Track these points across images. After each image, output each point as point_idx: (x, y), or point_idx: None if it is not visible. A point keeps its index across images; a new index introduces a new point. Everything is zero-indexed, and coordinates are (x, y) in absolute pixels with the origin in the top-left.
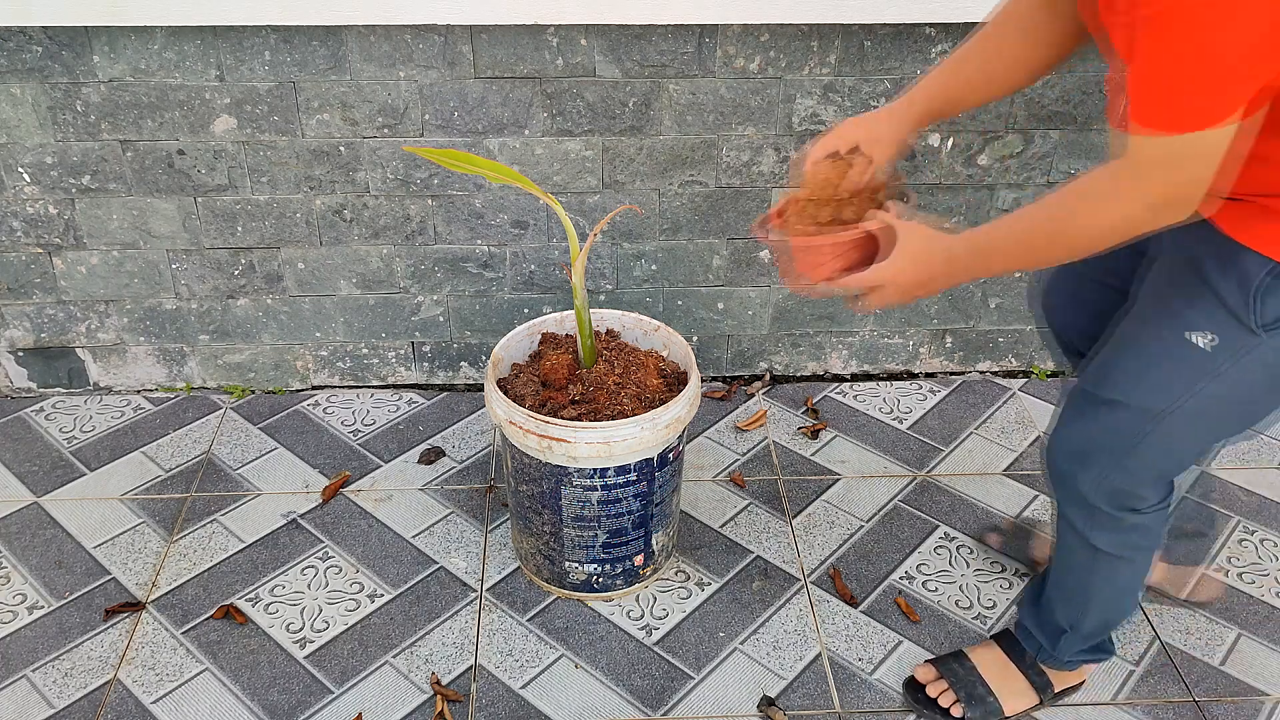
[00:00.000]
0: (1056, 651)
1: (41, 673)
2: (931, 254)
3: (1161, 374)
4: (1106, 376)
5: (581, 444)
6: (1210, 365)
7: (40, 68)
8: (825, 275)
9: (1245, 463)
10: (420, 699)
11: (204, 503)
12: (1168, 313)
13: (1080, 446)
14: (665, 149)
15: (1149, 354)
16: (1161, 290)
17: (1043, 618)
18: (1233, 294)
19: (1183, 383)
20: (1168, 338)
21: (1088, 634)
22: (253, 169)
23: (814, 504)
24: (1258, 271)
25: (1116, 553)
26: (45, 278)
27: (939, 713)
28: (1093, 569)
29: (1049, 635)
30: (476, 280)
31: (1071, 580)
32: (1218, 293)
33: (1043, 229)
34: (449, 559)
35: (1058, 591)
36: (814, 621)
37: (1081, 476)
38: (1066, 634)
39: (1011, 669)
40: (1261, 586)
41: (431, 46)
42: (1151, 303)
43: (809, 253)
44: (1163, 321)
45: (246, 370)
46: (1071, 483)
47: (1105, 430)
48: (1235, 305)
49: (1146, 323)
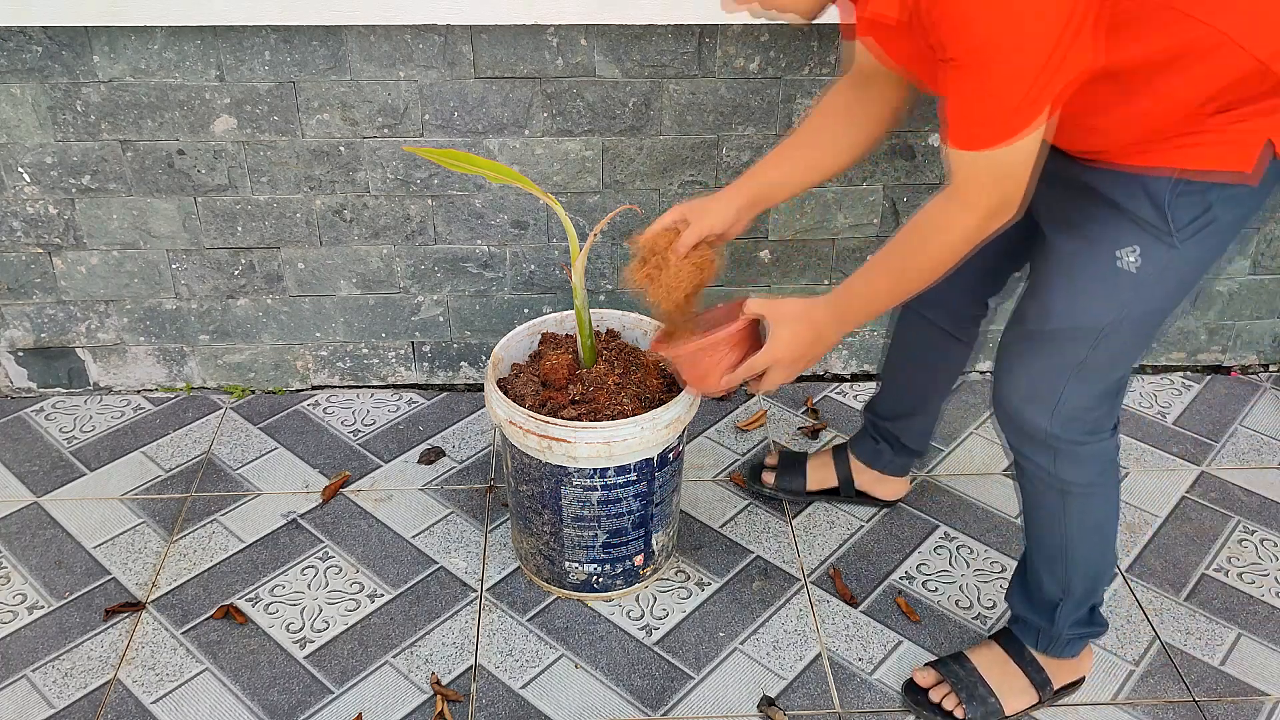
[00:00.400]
0: (1055, 629)
1: (41, 673)
2: (804, 324)
3: (1098, 295)
4: (1047, 311)
5: (581, 444)
6: (1139, 279)
7: (40, 68)
8: (725, 369)
9: (1245, 463)
10: (420, 699)
11: (204, 503)
12: (1092, 240)
13: (1032, 383)
14: (665, 149)
15: (1084, 279)
16: (1079, 225)
17: (1034, 597)
18: (1147, 212)
19: (1118, 299)
20: (1099, 261)
21: (1080, 598)
22: (253, 169)
23: (814, 504)
24: (1164, 189)
25: (1085, 486)
26: (45, 278)
27: (941, 715)
28: (1066, 511)
29: (1044, 613)
30: (476, 280)
31: (1051, 538)
32: (1134, 215)
33: (899, 268)
34: (449, 559)
35: (1041, 558)
36: (814, 621)
37: (1039, 411)
38: (1060, 604)
39: (1011, 667)
40: (1261, 586)
41: (431, 46)
42: (1072, 238)
43: (703, 354)
44: (1090, 249)
45: (246, 370)
46: (1031, 423)
47: (1054, 358)
48: (1153, 221)
49: (1075, 255)
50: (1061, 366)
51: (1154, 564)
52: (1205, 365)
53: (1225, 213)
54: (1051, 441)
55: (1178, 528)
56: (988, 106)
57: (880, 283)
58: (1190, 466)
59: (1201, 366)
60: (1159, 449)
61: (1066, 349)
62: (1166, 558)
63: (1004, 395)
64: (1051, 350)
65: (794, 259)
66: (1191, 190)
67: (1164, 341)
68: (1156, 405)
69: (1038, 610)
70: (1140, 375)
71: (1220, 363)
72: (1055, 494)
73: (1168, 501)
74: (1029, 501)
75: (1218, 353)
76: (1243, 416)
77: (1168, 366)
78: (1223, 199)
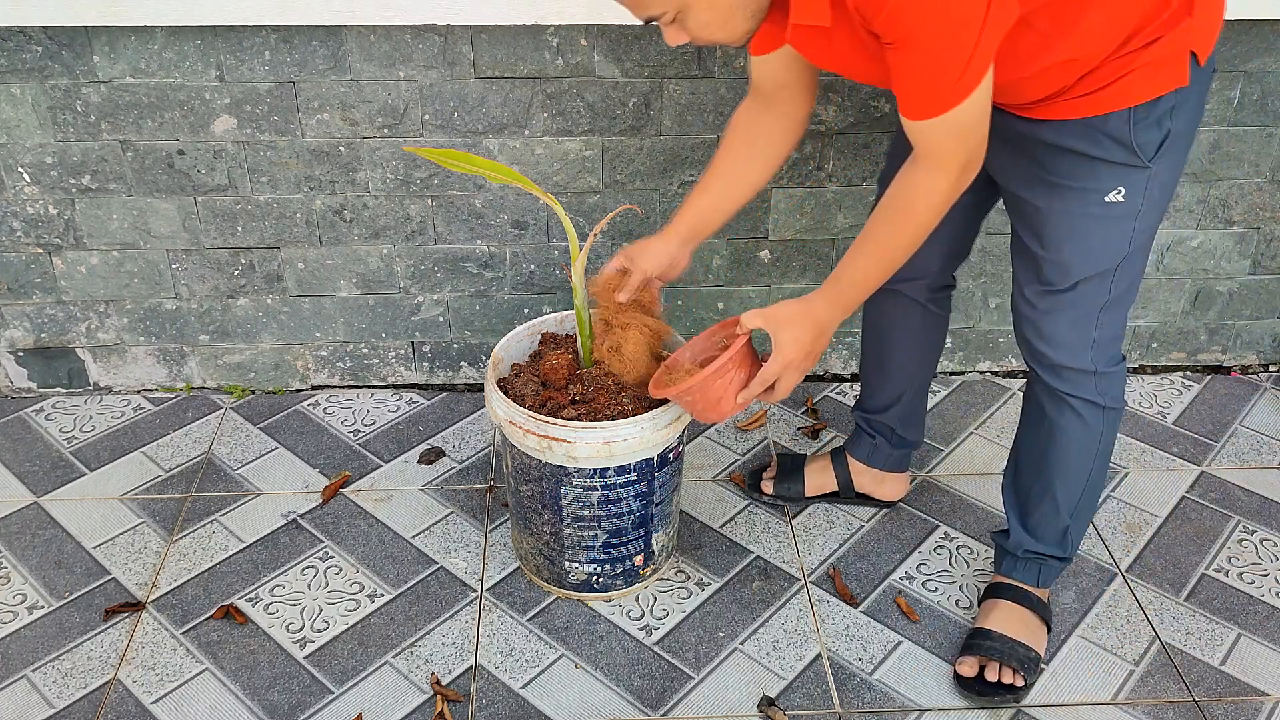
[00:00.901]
0: (1067, 552)
1: (41, 673)
2: (806, 323)
3: (1108, 238)
4: (1067, 268)
5: (581, 444)
6: (1132, 210)
7: (40, 68)
8: (737, 389)
9: (1245, 463)
10: (420, 699)
11: (204, 503)
12: (1080, 193)
13: (1071, 333)
14: (665, 149)
15: (1089, 230)
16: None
17: (1043, 532)
18: (1116, 151)
19: (1124, 234)
20: (1094, 209)
21: (1085, 518)
22: (253, 169)
23: (814, 504)
24: (1123, 126)
25: (1117, 400)
26: (45, 278)
27: (1006, 691)
28: (1104, 429)
29: (1055, 542)
30: (476, 280)
31: (1079, 464)
32: (1106, 159)
33: (885, 243)
34: (449, 559)
35: (1063, 488)
36: (814, 621)
37: (1079, 355)
38: (1069, 528)
39: (1024, 613)
40: (1261, 586)
41: (431, 46)
42: (1060, 197)
43: (710, 382)
44: (1081, 202)
45: (246, 370)
46: (1077, 366)
47: (1083, 306)
48: (1123, 159)
49: (1070, 211)
50: (1092, 310)
51: (1154, 564)
52: (1205, 365)
53: (1179, 123)
54: (1095, 373)
55: (1178, 528)
56: (937, 77)
57: (870, 262)
58: (1190, 466)
59: (1201, 366)
60: (1159, 449)
61: (1093, 294)
62: (1166, 558)
63: (1045, 352)
64: (1079, 300)
65: (794, 259)
66: (1146, 118)
67: (1164, 341)
68: (1156, 405)
69: (1048, 542)
70: (1140, 375)
71: (1220, 363)
72: (1098, 415)
73: (1168, 501)
74: (1064, 433)
75: (1218, 353)
76: (1243, 416)
77: (1168, 366)
78: (1173, 113)
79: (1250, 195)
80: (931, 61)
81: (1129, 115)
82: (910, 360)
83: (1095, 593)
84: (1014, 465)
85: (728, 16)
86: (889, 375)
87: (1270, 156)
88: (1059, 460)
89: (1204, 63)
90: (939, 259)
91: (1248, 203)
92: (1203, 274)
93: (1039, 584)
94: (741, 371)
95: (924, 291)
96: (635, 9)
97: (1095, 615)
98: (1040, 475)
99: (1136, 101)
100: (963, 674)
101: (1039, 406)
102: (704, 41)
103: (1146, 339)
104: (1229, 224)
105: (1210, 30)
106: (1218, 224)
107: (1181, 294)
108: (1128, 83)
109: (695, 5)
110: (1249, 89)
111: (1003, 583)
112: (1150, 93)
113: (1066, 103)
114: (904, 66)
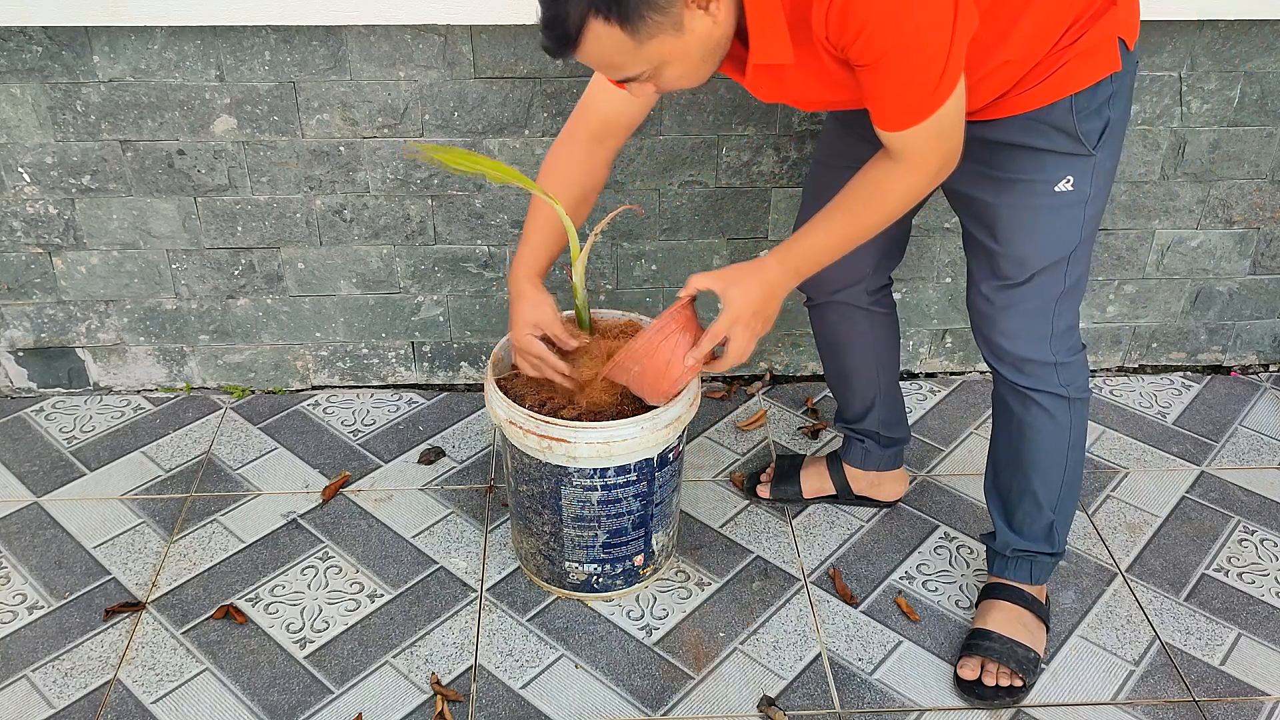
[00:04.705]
0: (1055, 546)
1: (41, 673)
2: (755, 280)
3: (1059, 228)
4: (1023, 261)
5: (581, 444)
6: (1081, 198)
7: (40, 68)
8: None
9: (1245, 463)
10: (420, 699)
11: (204, 503)
12: (1029, 185)
13: (1029, 325)
14: (665, 149)
15: (1041, 222)
16: (1009, 179)
17: (1028, 529)
18: (1061, 141)
19: (1075, 223)
20: (1044, 200)
21: (1068, 511)
22: (253, 169)
23: (814, 504)
24: (1066, 116)
25: (1082, 390)
26: (45, 278)
27: (1005, 694)
28: (1072, 421)
29: (1041, 538)
30: (476, 280)
31: (1053, 458)
32: (1052, 150)
33: (849, 224)
34: (449, 559)
35: (1041, 483)
36: (814, 621)
37: (1038, 346)
38: (1054, 523)
39: (1020, 612)
40: (1261, 586)
41: (431, 46)
42: (1009, 192)
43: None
44: (1031, 194)
45: (246, 370)
46: (1037, 358)
47: (1040, 297)
48: (1069, 148)
49: (1021, 205)
50: (1048, 300)
51: (1154, 564)
52: (1205, 365)
53: (1116, 109)
54: (1055, 364)
55: (1178, 528)
56: (915, 89)
57: (829, 238)
58: (1190, 466)
59: (1201, 366)
60: (1159, 449)
61: (1048, 284)
62: (1166, 558)
63: (1006, 348)
64: (1035, 291)
65: None
66: (1088, 106)
67: (1164, 341)
68: (1156, 405)
69: (1034, 539)
70: (1140, 375)
71: (1220, 363)
72: (1063, 408)
73: (1168, 501)
74: (1034, 429)
75: (1218, 353)
76: (1243, 416)
77: (1168, 366)
78: (1111, 101)
79: (1250, 195)
80: (908, 76)
81: (1070, 104)
82: (868, 366)
83: (1095, 593)
84: (992, 467)
85: (698, 66)
86: (854, 386)
87: (1270, 156)
88: (1033, 457)
89: (1132, 48)
90: (871, 262)
91: (1248, 203)
92: (1203, 274)
93: (1032, 581)
94: (687, 335)
95: (863, 296)
96: (612, 73)
97: (1095, 615)
98: (1017, 474)
99: (1077, 89)
100: (964, 676)
101: (1006, 406)
102: (671, 90)
103: (1146, 339)
104: (1229, 224)
105: (1133, 18)
106: (1218, 224)
107: (1181, 294)
108: (1065, 73)
109: (670, 63)
110: (1249, 89)
111: (997, 583)
112: (1088, 79)
113: (1008, 100)
114: (880, 85)
